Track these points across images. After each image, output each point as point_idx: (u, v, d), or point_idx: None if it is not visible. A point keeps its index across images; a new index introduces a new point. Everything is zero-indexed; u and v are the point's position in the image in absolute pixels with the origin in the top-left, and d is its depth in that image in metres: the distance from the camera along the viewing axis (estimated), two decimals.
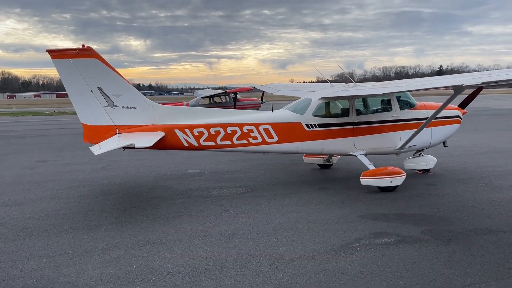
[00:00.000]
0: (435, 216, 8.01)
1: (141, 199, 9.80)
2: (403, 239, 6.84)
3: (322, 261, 6.07)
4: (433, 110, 11.10)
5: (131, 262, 6.20)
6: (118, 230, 7.60)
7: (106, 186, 11.08)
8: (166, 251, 6.59)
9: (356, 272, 5.71)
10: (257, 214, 8.37)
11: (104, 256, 6.48)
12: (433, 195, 9.48)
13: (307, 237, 7.07)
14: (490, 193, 9.56)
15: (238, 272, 5.78)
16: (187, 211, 8.70)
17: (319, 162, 12.75)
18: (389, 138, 10.72)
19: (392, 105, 10.72)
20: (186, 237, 7.19)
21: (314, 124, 10.34)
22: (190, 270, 5.89)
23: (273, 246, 6.71)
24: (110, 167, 13.91)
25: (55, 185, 11.40)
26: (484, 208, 8.40)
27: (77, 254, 6.59)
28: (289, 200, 9.36)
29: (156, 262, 6.20)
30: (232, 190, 10.36)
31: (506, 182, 10.57)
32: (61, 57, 9.40)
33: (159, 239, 7.16)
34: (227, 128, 9.97)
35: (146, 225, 7.91)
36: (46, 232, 7.61)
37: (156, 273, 5.84)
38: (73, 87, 9.60)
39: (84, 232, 7.56)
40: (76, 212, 8.82)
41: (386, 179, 9.73)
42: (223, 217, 8.27)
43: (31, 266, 6.14)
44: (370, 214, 8.19)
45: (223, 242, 6.94)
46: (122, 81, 9.71)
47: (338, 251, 6.42)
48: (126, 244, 6.92)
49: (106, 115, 9.69)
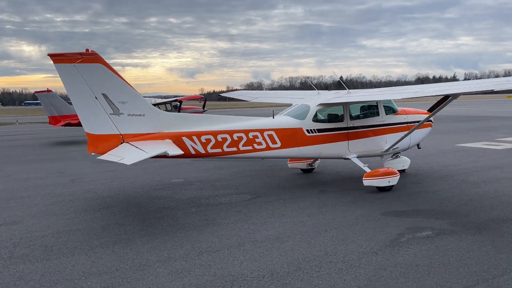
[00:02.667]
0: (447, 210, 8.78)
1: (149, 210, 9.45)
2: (439, 232, 7.45)
3: (389, 256, 6.44)
4: (411, 115, 12.14)
5: (203, 272, 6.08)
6: (156, 242, 7.32)
7: (97, 200, 10.49)
8: (229, 258, 6.53)
9: (426, 263, 6.15)
10: (285, 218, 8.52)
11: (168, 267, 6.26)
12: (428, 192, 10.33)
13: (353, 235, 7.40)
14: (473, 188, 10.65)
15: (320, 272, 5.94)
16: (212, 219, 8.60)
17: (303, 166, 13.18)
18: (377, 141, 11.48)
19: (379, 110, 11.50)
20: (236, 244, 7.16)
21: (314, 129, 10.75)
22: (272, 274, 5.93)
23: (329, 246, 6.94)
24: (81, 180, 13.11)
25: (35, 201, 10.54)
26: (481, 201, 9.38)
27: (136, 267, 6.28)
28: (302, 203, 9.62)
29: (228, 269, 6.14)
30: (238, 197, 10.37)
31: (476, 178, 11.81)
32: (64, 61, 8.82)
33: (209, 247, 7.04)
34: (234, 135, 10.00)
35: (182, 235, 7.71)
36: (77, 249, 7.11)
37: (241, 279, 5.81)
38: (77, 94, 9.03)
39: (122, 246, 7.18)
40: (90, 227, 8.29)
41: (384, 179, 10.41)
42: (253, 222, 8.31)
43: (99, 284, 5.76)
44: (389, 212, 8.74)
45: (277, 245, 7.03)
46: (127, 87, 9.34)
47: (393, 246, 6.83)
48: (179, 255, 6.72)
49: (112, 123, 9.24)
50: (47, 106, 25.35)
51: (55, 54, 8.79)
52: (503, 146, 18.15)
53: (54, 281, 5.89)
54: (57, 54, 8.81)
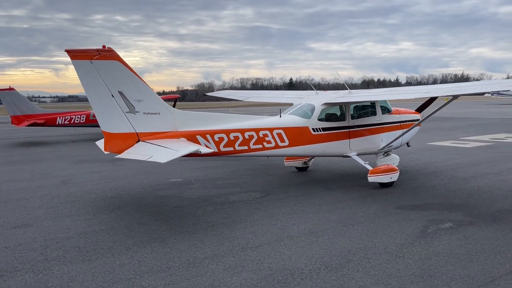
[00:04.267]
0: (454, 203, 9.35)
1: (165, 209, 9.37)
2: (459, 223, 7.95)
3: (426, 246, 6.83)
4: (403, 114, 12.75)
5: (257, 266, 6.18)
6: (192, 240, 7.34)
7: (103, 201, 10.25)
8: (275, 253, 6.66)
9: (464, 251, 6.59)
10: (307, 214, 8.75)
11: (219, 264, 6.31)
12: (428, 187, 10.92)
13: (381, 229, 7.74)
14: (466, 183, 11.36)
15: (371, 263, 6.22)
16: (235, 217, 8.68)
17: (298, 165, 13.47)
18: (375, 139, 11.96)
19: (376, 110, 12.00)
20: (274, 239, 7.30)
21: (319, 128, 11.06)
22: (326, 266, 6.14)
23: (365, 238, 7.25)
24: (72, 181, 12.70)
25: (35, 203, 10.15)
26: (480, 195, 10.05)
27: (186, 265, 6.29)
28: (315, 200, 9.89)
29: (280, 263, 6.28)
30: (248, 195, 10.47)
31: (464, 174, 12.59)
32: (81, 58, 8.60)
33: (248, 243, 7.14)
34: (245, 133, 10.10)
35: (213, 232, 7.75)
36: (114, 249, 6.99)
37: (299, 272, 5.97)
38: (93, 92, 8.82)
39: (159, 245, 7.13)
40: (114, 227, 8.14)
41: (387, 175, 10.89)
42: (278, 219, 8.47)
43: (159, 282, 5.73)
44: (403, 206, 9.19)
45: (314, 240, 7.24)
46: (143, 85, 9.22)
47: (425, 237, 7.23)
48: (223, 251, 6.78)
49: (128, 121, 9.09)
50: (9, 105, 24.13)
51: (72, 50, 8.55)
52: (471, 145, 19.34)
53: (110, 281, 5.79)
54: (74, 50, 8.58)
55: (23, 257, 6.72)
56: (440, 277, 5.71)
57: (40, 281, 5.83)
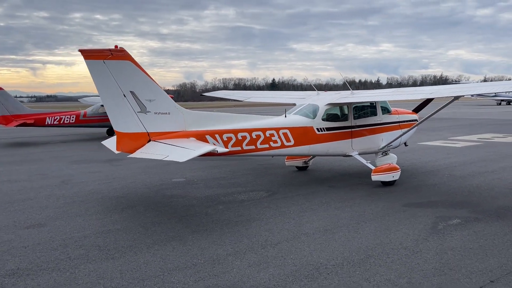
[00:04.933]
0: (458, 201, 9.66)
1: (176, 208, 9.44)
2: (466, 220, 8.23)
3: (440, 241, 7.07)
4: (402, 114, 13.06)
5: (282, 262, 6.33)
6: (211, 237, 7.44)
7: (110, 201, 10.27)
8: (295, 249, 6.82)
9: (477, 246, 6.86)
10: (318, 212, 8.94)
11: (244, 260, 6.43)
12: (429, 186, 11.23)
13: (393, 225, 7.98)
14: (464, 181, 11.71)
15: (391, 258, 6.43)
16: (247, 215, 8.81)
17: (299, 164, 13.67)
18: (375, 139, 12.23)
19: (377, 110, 12.28)
20: (291, 237, 7.46)
21: (323, 128, 11.27)
22: (349, 261, 6.33)
23: (379, 235, 7.46)
24: (72, 181, 12.64)
25: (41, 203, 10.12)
26: (481, 192, 10.39)
27: (211, 262, 6.40)
28: (322, 198, 10.08)
29: (303, 259, 6.44)
30: (255, 194, 10.61)
31: (461, 172, 12.96)
32: (94, 58, 8.64)
33: (267, 240, 7.29)
34: (253, 133, 10.24)
35: (229, 230, 7.87)
36: (135, 247, 7.05)
37: (323, 267, 6.14)
38: (106, 91, 8.86)
39: (179, 243, 7.22)
40: (129, 227, 8.19)
41: (389, 174, 11.17)
42: (291, 217, 8.63)
43: (189, 278, 5.83)
44: (409, 204, 9.44)
45: (331, 236, 7.42)
46: (154, 85, 9.29)
47: (437, 233, 7.49)
48: (244, 248, 6.91)
49: (139, 121, 9.14)
50: None
51: (85, 50, 8.58)
52: (461, 144, 19.84)
53: (139, 278, 5.87)
54: (88, 50, 8.61)
55: (45, 256, 6.73)
56: (460, 271, 5.94)
57: (69, 279, 5.87)
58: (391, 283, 5.59)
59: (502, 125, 30.72)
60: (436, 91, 10.25)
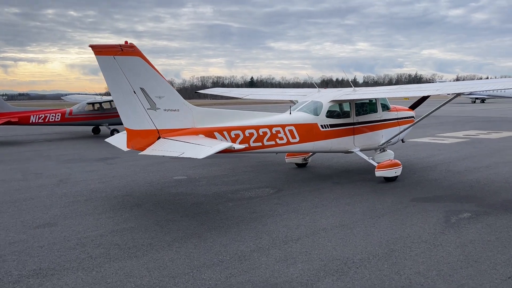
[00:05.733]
0: (462, 195, 9.87)
1: (185, 206, 9.37)
2: (476, 213, 8.42)
3: (458, 235, 7.22)
4: (401, 111, 13.26)
5: (308, 257, 6.36)
6: (230, 234, 7.42)
7: (115, 199, 10.12)
8: (318, 245, 6.86)
9: (494, 238, 7.03)
10: (331, 208, 9.00)
11: (270, 256, 6.44)
12: (430, 181, 11.45)
13: (406, 220, 8.10)
14: (463, 176, 11.98)
15: (415, 251, 6.53)
16: (260, 211, 8.81)
17: (298, 161, 13.73)
18: (376, 135, 12.39)
19: (377, 107, 12.44)
20: (310, 232, 7.49)
21: (327, 124, 11.36)
22: (374, 256, 6.40)
23: (397, 229, 7.57)
24: (70, 180, 12.40)
25: (45, 202, 9.91)
26: (482, 187, 10.65)
27: (237, 258, 6.39)
28: (330, 194, 10.16)
29: (328, 254, 6.48)
30: (261, 191, 10.61)
31: (457, 168, 13.25)
32: (104, 53, 8.49)
33: (287, 236, 7.31)
34: (259, 130, 10.24)
35: (246, 227, 7.86)
36: (156, 246, 6.98)
37: (351, 261, 6.20)
38: (116, 88, 8.72)
39: (199, 240, 7.18)
40: (143, 225, 8.11)
41: (392, 170, 11.33)
42: (304, 213, 8.67)
43: (219, 274, 5.81)
44: (417, 199, 9.60)
45: (348, 232, 7.49)
46: (163, 81, 9.19)
47: (451, 227, 7.64)
48: (267, 244, 6.92)
49: (149, 118, 9.03)
50: None
51: (96, 45, 8.43)
52: (449, 141, 20.26)
53: (168, 276, 5.81)
54: (98, 45, 8.46)
55: (65, 255, 6.60)
56: (485, 262, 6.08)
57: (97, 278, 5.77)
58: (422, 276, 5.68)
59: (482, 122, 31.51)
60: (441, 88, 10.46)
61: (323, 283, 5.53)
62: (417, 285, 5.43)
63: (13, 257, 6.57)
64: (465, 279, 5.56)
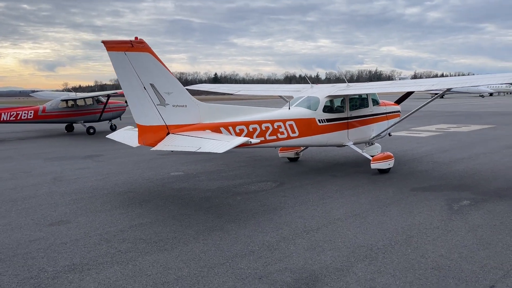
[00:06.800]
0: (456, 184, 10.44)
1: (194, 201, 9.48)
2: (475, 201, 8.97)
3: (465, 221, 7.71)
4: (389, 106, 13.82)
5: (334, 245, 6.66)
6: (250, 225, 7.61)
7: (120, 196, 10.11)
8: (339, 234, 7.16)
9: (498, 223, 7.55)
10: (338, 199, 9.34)
11: (297, 245, 6.69)
12: (421, 172, 12.02)
13: (413, 208, 8.53)
14: (450, 167, 12.63)
15: (431, 237, 6.95)
16: (270, 204, 9.04)
17: (291, 155, 14.05)
18: (367, 129, 12.88)
19: (369, 102, 12.92)
20: (326, 223, 7.79)
21: (324, 119, 11.72)
22: (395, 242, 6.77)
23: (407, 218, 7.98)
24: (65, 178, 12.22)
25: (48, 200, 9.79)
26: (471, 176, 11.29)
27: (266, 247, 6.60)
28: (332, 186, 10.51)
29: (351, 241, 6.80)
30: (265, 185, 10.84)
31: (441, 159, 13.93)
32: (116, 49, 8.49)
33: (306, 227, 7.58)
34: (262, 125, 10.47)
35: (263, 218, 8.07)
36: (181, 239, 7.10)
37: (375, 248, 6.54)
38: (127, 84, 8.74)
39: (222, 233, 7.34)
40: (159, 219, 8.18)
41: (386, 162, 11.82)
42: (314, 204, 8.97)
43: (255, 263, 6.02)
44: (416, 188, 10.09)
45: (362, 221, 7.84)
46: (172, 77, 9.27)
47: (456, 214, 8.13)
48: (290, 235, 7.16)
49: (158, 114, 9.09)
50: None
51: (108, 41, 8.42)
52: (425, 134, 21.15)
53: (206, 266, 5.96)
54: (110, 41, 8.45)
55: (94, 251, 6.62)
56: (498, 244, 6.56)
57: (135, 271, 5.86)
58: (446, 258, 6.09)
59: (448, 116, 32.91)
60: (437, 83, 10.98)
61: (357, 268, 5.83)
62: (444, 267, 5.81)
63: (40, 254, 6.54)
64: (486, 260, 6.00)
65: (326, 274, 5.66)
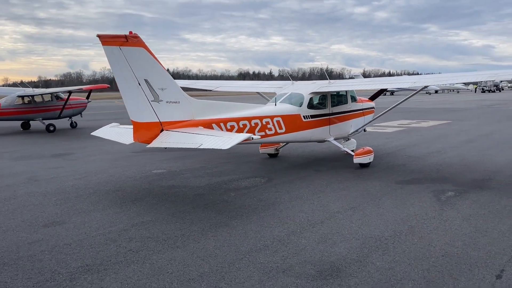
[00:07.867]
0: (436, 177, 10.96)
1: (188, 198, 9.40)
2: (458, 192, 9.46)
3: (456, 211, 8.13)
4: (365, 102, 14.26)
5: (343, 238, 6.85)
6: (254, 220, 7.67)
7: (108, 195, 9.85)
8: (343, 227, 7.37)
9: (486, 212, 8.02)
10: (330, 193, 9.56)
11: (307, 238, 6.83)
12: (399, 165, 12.51)
13: (405, 200, 8.89)
14: (425, 160, 13.23)
15: (431, 227, 7.29)
16: (266, 199, 9.13)
17: (271, 152, 14.19)
18: (346, 125, 13.24)
19: (348, 99, 13.27)
20: (327, 216, 7.98)
21: (308, 115, 11.94)
22: (400, 233, 7.05)
23: (402, 210, 8.31)
24: (41, 178, 11.74)
25: (30, 201, 9.41)
26: (446, 169, 11.88)
27: (279, 241, 6.69)
28: (320, 181, 10.73)
29: (359, 233, 7.02)
30: (254, 181, 10.90)
31: (415, 153, 14.55)
32: (111, 44, 8.30)
33: (310, 220, 7.73)
34: (252, 121, 10.55)
35: (265, 213, 8.14)
36: (188, 236, 7.06)
37: (384, 238, 6.79)
38: (122, 79, 8.55)
39: (228, 229, 7.36)
40: (160, 218, 8.07)
41: (367, 157, 12.21)
42: (309, 198, 9.15)
43: (272, 257, 6.10)
44: (400, 181, 10.51)
45: (362, 213, 8.10)
46: (165, 73, 9.16)
47: (446, 204, 8.56)
48: (297, 229, 7.29)
49: (153, 110, 8.96)
50: None
51: (103, 35, 8.19)
52: (390, 130, 21.95)
53: (227, 262, 5.98)
54: (105, 35, 8.23)
55: (104, 251, 6.46)
56: (494, 231, 6.99)
57: (155, 269, 5.78)
58: (451, 246, 6.42)
59: (405, 112, 34.19)
60: (417, 80, 11.44)
61: (374, 258, 6.04)
62: (453, 254, 6.14)
63: (46, 256, 6.30)
64: (488, 246, 6.39)
65: (346, 265, 5.82)
